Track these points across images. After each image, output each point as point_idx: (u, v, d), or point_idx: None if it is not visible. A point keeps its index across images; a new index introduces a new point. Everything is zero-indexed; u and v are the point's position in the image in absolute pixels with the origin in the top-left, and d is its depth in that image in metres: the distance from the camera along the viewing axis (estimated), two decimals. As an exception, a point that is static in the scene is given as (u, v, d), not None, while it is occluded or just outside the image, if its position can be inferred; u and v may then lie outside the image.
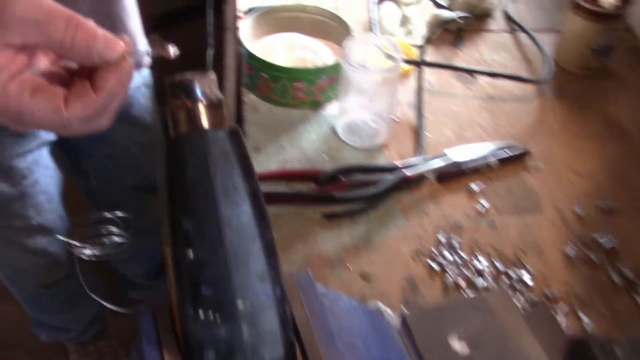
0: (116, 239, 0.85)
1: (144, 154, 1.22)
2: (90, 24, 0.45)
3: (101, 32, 0.45)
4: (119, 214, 0.87)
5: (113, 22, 0.95)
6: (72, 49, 0.44)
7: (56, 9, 0.44)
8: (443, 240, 0.85)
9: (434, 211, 0.90)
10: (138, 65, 0.48)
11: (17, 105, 0.43)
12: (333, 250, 0.84)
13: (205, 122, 0.46)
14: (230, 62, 1.23)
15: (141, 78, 1.12)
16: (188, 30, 1.53)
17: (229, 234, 0.45)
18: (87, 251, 0.85)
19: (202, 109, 0.46)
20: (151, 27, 2.19)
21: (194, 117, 0.46)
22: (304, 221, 0.87)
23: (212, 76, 0.47)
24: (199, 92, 0.46)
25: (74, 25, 0.44)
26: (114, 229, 0.86)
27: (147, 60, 1.07)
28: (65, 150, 1.20)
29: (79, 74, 0.47)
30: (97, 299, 1.04)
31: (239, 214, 0.46)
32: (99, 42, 0.45)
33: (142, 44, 1.05)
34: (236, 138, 0.47)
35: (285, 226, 0.86)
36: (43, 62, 0.48)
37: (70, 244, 0.85)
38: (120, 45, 0.45)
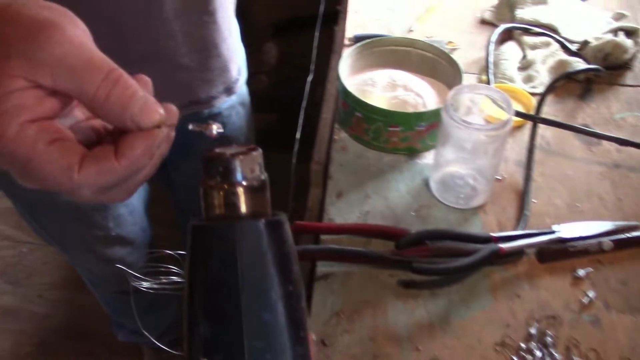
0: (175, 278, 0.81)
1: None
2: (133, 82, 0.40)
3: (142, 93, 0.40)
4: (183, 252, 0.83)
5: (205, 46, 0.91)
6: (104, 106, 0.39)
7: (98, 59, 0.39)
8: (534, 333, 0.73)
9: (529, 295, 0.78)
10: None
11: (27, 151, 0.38)
12: (404, 325, 0.74)
13: (241, 209, 0.39)
14: (332, 88, 1.16)
15: (237, 97, 1.07)
16: (301, 41, 1.49)
17: (252, 348, 0.37)
18: (145, 284, 0.82)
19: (239, 193, 0.39)
20: (265, 35, 2.18)
21: (229, 202, 0.39)
22: (377, 286, 0.78)
23: (257, 153, 0.39)
24: (238, 174, 0.38)
25: (113, 80, 0.38)
26: (175, 269, 0.82)
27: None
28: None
29: (109, 136, 0.41)
30: (147, 335, 1.01)
31: (267, 323, 0.38)
32: (135, 104, 0.39)
33: (235, 68, 1.00)
34: (277, 231, 0.39)
35: (354, 288, 0.77)
36: (77, 113, 0.43)
37: (128, 274, 0.82)
38: (158, 112, 0.39)
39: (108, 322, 1.56)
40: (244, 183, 0.39)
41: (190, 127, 0.42)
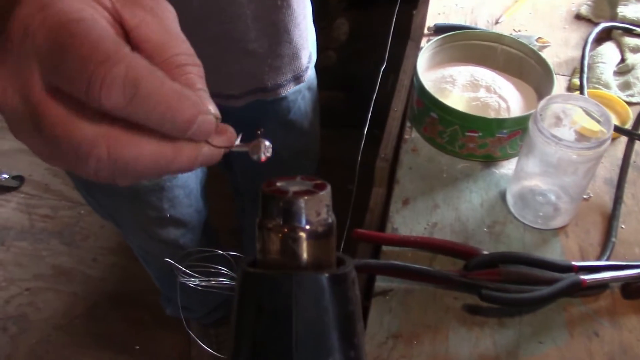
0: (223, 279, 0.77)
1: (294, 160, 1.13)
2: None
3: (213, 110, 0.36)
4: (235, 253, 0.78)
5: (276, 32, 0.84)
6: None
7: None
8: (613, 379, 0.66)
9: (609, 335, 0.69)
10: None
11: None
12: (466, 356, 0.68)
13: (302, 258, 0.33)
14: (405, 79, 1.08)
15: (305, 83, 1.01)
16: (375, 19, 1.41)
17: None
18: (193, 281, 0.78)
19: (301, 239, 0.33)
20: (338, 9, 2.10)
21: (287, 249, 0.33)
22: (440, 308, 0.71)
23: (326, 192, 0.33)
24: (302, 217, 0.32)
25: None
26: (224, 270, 0.78)
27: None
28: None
29: None
30: (189, 332, 0.97)
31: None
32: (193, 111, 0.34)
33: (306, 55, 0.94)
34: (343, 285, 0.33)
35: (414, 309, 0.71)
36: None
37: (177, 269, 0.78)
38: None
39: (159, 293, 1.56)
40: (307, 228, 0.33)
41: (230, 149, 0.36)
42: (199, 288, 0.78)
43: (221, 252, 0.76)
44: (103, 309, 1.78)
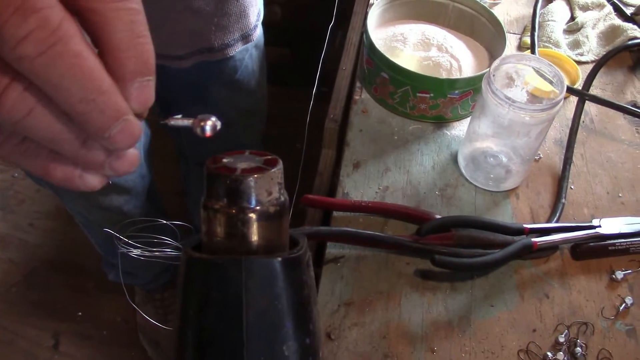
0: (168, 250, 0.73)
1: (242, 120, 1.09)
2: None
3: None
4: (180, 222, 0.75)
5: None
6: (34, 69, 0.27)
7: None
8: (563, 341, 0.66)
9: (559, 296, 0.70)
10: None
11: None
12: (418, 321, 0.67)
13: (252, 242, 0.30)
14: (354, 37, 1.05)
15: (252, 41, 0.96)
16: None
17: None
18: (135, 251, 0.74)
19: (251, 221, 0.29)
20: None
21: (236, 231, 0.29)
22: (392, 274, 0.70)
23: (277, 169, 0.30)
24: (251, 197, 0.29)
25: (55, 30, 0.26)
26: (168, 240, 0.74)
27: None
28: (158, 104, 1.09)
29: None
30: (134, 305, 0.93)
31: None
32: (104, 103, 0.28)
33: (254, 13, 0.89)
34: (297, 269, 0.31)
35: (366, 275, 0.69)
36: None
37: (119, 239, 0.74)
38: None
39: (100, 259, 1.50)
40: (258, 208, 0.29)
41: (171, 122, 0.31)
42: (142, 259, 0.74)
43: (165, 222, 0.72)
44: (42, 276, 1.71)
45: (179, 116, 0.31)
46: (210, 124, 0.29)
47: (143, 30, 0.27)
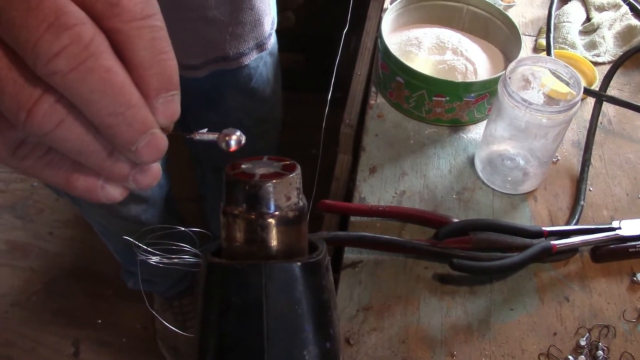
0: (187, 257, 0.74)
1: (257, 127, 1.10)
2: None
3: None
4: (198, 229, 0.75)
5: None
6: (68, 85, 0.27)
7: None
8: (584, 344, 0.65)
9: (580, 299, 0.69)
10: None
11: None
12: (437, 326, 0.66)
13: (272, 247, 0.30)
14: (368, 41, 1.05)
15: (266, 49, 0.97)
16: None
17: None
18: (154, 259, 0.75)
19: (270, 226, 0.30)
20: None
21: (255, 237, 0.30)
22: (410, 279, 0.70)
23: (296, 174, 0.30)
24: (270, 203, 0.29)
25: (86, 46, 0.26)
26: (187, 247, 0.75)
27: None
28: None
29: None
30: (153, 312, 0.94)
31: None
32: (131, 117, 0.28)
33: (268, 22, 0.90)
34: (316, 273, 0.31)
35: (385, 280, 0.69)
36: None
37: (137, 247, 0.75)
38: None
39: (119, 266, 1.52)
40: (277, 214, 0.30)
41: (197, 137, 0.32)
42: (161, 266, 0.74)
43: (183, 229, 0.73)
44: (62, 284, 1.73)
45: (204, 130, 0.31)
46: (235, 138, 0.30)
47: (165, 47, 0.28)
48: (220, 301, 0.30)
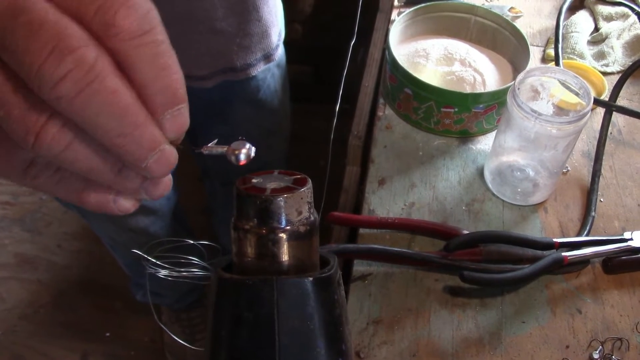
0: (195, 270, 0.74)
1: (265, 139, 1.10)
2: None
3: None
4: (206, 242, 0.75)
5: (245, 9, 0.80)
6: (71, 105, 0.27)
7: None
8: (597, 356, 0.64)
9: (592, 311, 0.68)
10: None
11: None
12: (448, 339, 0.66)
13: (283, 262, 0.30)
14: (376, 52, 1.05)
15: (274, 61, 0.97)
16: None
17: None
18: (163, 272, 0.75)
19: (281, 241, 0.29)
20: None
21: (267, 252, 0.29)
22: (420, 291, 0.69)
23: (307, 189, 0.30)
24: (281, 217, 0.29)
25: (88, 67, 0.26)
26: (196, 260, 0.75)
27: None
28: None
29: None
30: (161, 325, 0.94)
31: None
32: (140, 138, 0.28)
33: (275, 33, 0.90)
34: (328, 288, 0.30)
35: (395, 292, 0.69)
36: None
37: (146, 260, 0.75)
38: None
39: (127, 279, 1.52)
40: (288, 228, 0.29)
41: (205, 151, 0.32)
42: (169, 279, 0.74)
43: (192, 242, 0.72)
44: (70, 297, 1.73)
45: (213, 143, 0.31)
46: (245, 151, 0.29)
47: (167, 61, 0.27)
48: (231, 316, 0.30)
